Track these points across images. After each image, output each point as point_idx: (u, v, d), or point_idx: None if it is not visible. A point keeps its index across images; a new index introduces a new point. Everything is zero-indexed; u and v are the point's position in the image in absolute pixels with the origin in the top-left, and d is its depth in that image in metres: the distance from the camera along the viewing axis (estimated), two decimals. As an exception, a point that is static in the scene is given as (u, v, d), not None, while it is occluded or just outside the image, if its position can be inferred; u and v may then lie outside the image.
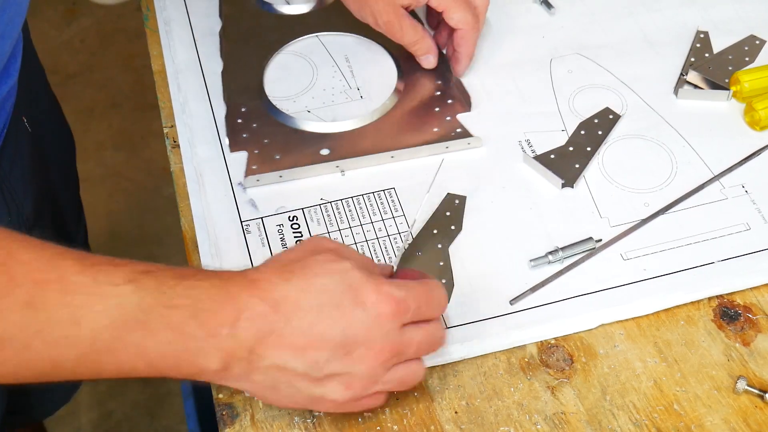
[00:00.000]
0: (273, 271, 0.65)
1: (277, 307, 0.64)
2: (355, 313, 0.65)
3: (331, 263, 0.66)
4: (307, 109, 0.94)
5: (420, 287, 0.68)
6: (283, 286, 0.64)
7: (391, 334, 0.67)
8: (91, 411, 1.77)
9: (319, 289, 0.65)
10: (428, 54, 0.95)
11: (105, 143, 2.13)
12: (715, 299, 0.81)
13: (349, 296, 0.65)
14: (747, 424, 0.74)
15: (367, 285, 0.66)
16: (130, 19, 2.38)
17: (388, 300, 0.66)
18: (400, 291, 0.67)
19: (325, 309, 0.64)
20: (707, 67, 0.96)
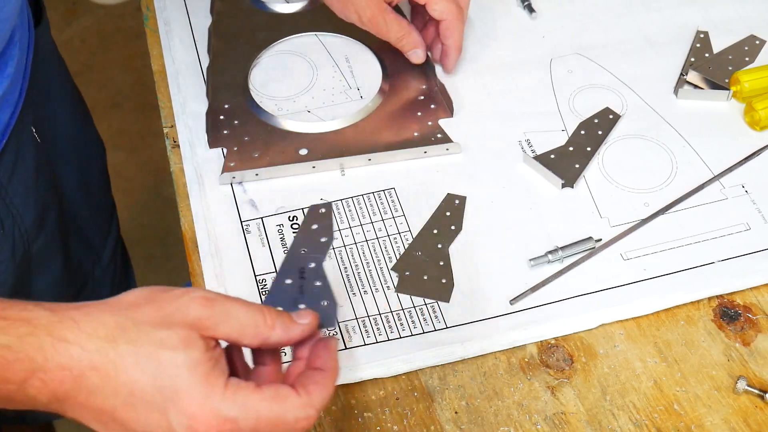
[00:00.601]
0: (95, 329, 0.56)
1: (79, 377, 0.55)
2: (164, 418, 0.55)
3: (165, 351, 0.55)
4: (307, 109, 0.94)
5: (267, 409, 0.56)
6: (95, 354, 0.55)
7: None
8: (91, 411, 1.76)
9: (132, 377, 0.55)
10: (416, 48, 0.94)
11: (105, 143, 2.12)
12: (715, 299, 0.81)
13: (165, 396, 0.55)
14: (747, 424, 0.74)
15: (192, 392, 0.55)
16: (130, 19, 2.38)
17: (209, 418, 0.55)
18: (232, 410, 0.55)
19: (132, 400, 0.56)
20: (707, 67, 0.96)
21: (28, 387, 0.55)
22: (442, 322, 0.79)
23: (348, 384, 0.77)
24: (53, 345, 0.55)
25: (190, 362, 0.55)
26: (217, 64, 0.97)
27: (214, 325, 0.57)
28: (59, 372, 0.55)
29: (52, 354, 0.55)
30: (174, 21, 1.03)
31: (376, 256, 0.84)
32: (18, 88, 0.86)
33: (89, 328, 0.55)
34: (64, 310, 0.56)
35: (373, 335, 0.79)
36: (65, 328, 0.55)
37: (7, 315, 0.55)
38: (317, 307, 0.64)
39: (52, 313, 0.56)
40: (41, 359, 0.55)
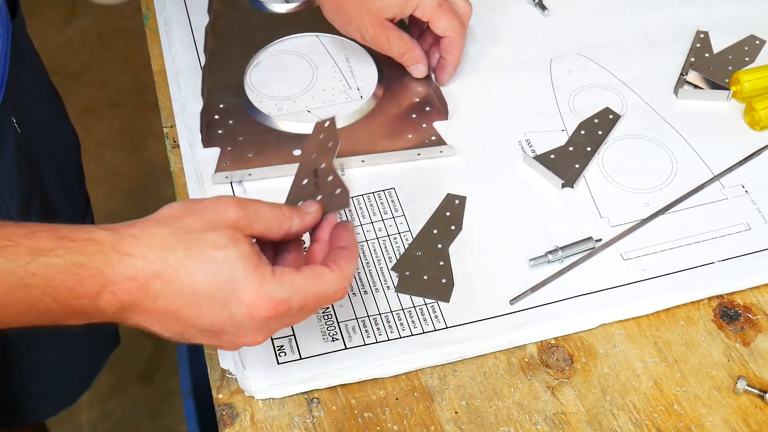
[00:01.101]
0: (152, 241, 0.62)
1: (145, 284, 0.62)
2: (226, 308, 0.63)
3: (217, 250, 0.63)
4: (307, 109, 0.94)
5: (311, 286, 0.65)
6: (157, 263, 0.62)
7: (266, 328, 0.65)
8: (91, 411, 1.77)
9: (195, 277, 0.62)
10: (418, 63, 0.94)
11: (105, 143, 2.13)
12: (715, 299, 0.81)
13: (225, 290, 0.63)
14: (747, 424, 0.74)
15: (248, 282, 0.63)
16: (130, 19, 2.38)
17: (266, 302, 0.63)
18: (283, 291, 0.64)
19: (196, 298, 0.63)
20: (707, 67, 0.96)
21: (99, 300, 0.61)
22: (442, 322, 0.79)
23: (348, 384, 0.77)
24: (120, 259, 0.61)
25: (242, 256, 0.63)
26: (214, 63, 0.97)
27: (249, 224, 0.65)
28: (127, 282, 0.61)
29: (120, 267, 0.61)
30: (174, 21, 1.03)
31: (376, 256, 0.84)
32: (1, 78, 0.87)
33: (147, 240, 0.62)
34: (121, 228, 0.63)
35: (373, 335, 0.79)
36: (127, 244, 0.62)
37: (75, 236, 0.61)
38: (332, 195, 0.72)
39: (112, 232, 0.62)
40: (110, 273, 0.61)
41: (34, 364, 1.12)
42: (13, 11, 0.95)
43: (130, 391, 1.80)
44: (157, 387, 1.81)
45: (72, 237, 0.62)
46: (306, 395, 0.76)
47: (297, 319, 0.67)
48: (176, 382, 1.76)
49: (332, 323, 0.79)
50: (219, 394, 0.76)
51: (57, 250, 0.61)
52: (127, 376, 1.81)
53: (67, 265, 0.61)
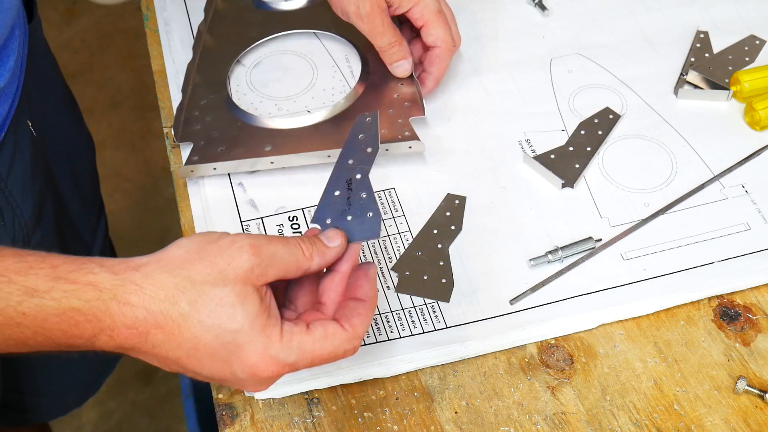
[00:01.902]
0: (156, 292, 0.60)
1: (144, 333, 0.60)
2: (228, 365, 0.62)
3: (225, 308, 0.60)
4: (307, 110, 0.94)
5: (320, 349, 0.62)
6: (159, 316, 0.60)
7: (268, 383, 0.64)
8: (91, 411, 1.77)
9: (197, 335, 0.60)
10: (403, 60, 0.90)
11: (105, 143, 2.13)
12: (715, 299, 0.81)
13: (228, 350, 0.61)
14: (747, 424, 0.74)
15: (252, 345, 0.61)
16: (130, 19, 2.38)
17: (269, 365, 0.61)
18: (291, 356, 0.61)
19: (198, 353, 0.61)
20: (707, 67, 0.96)
21: (96, 341, 0.60)
22: (442, 322, 0.79)
23: (348, 384, 0.77)
24: (119, 308, 0.59)
25: (249, 317, 0.60)
26: (204, 61, 0.97)
27: (263, 272, 0.61)
28: (125, 330, 0.60)
29: (119, 316, 0.59)
30: (174, 21, 1.03)
31: (376, 256, 0.84)
32: (16, 81, 0.87)
33: (151, 291, 0.60)
34: (125, 272, 0.60)
35: (373, 335, 0.79)
36: (129, 293, 0.60)
37: (74, 278, 0.59)
38: (363, 219, 0.67)
39: (115, 276, 0.60)
40: (108, 320, 0.59)
41: (44, 365, 1.12)
42: (30, 13, 0.95)
43: (130, 391, 1.80)
44: (157, 387, 1.81)
45: (70, 279, 0.59)
46: (306, 395, 0.76)
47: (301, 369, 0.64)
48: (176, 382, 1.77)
49: (332, 323, 0.79)
50: (219, 394, 0.76)
51: (52, 292, 0.59)
52: (127, 376, 1.81)
53: (63, 309, 0.59)
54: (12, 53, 0.84)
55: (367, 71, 0.95)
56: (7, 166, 0.89)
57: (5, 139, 0.87)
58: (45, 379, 1.14)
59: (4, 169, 0.88)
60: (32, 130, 0.94)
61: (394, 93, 0.93)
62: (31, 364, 1.10)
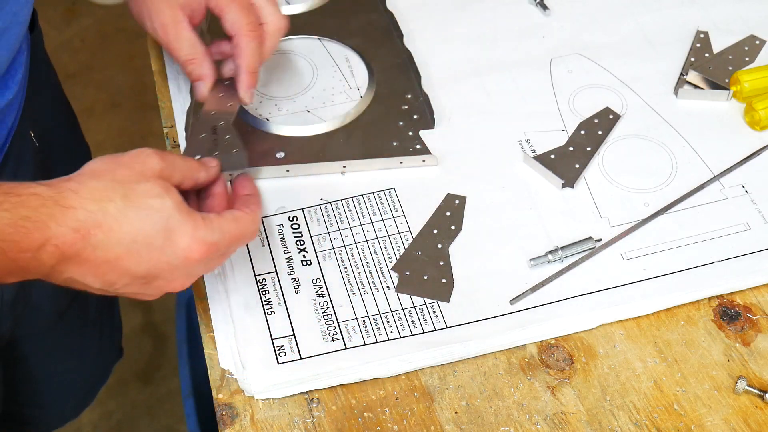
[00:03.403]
0: (91, 193, 0.65)
1: (86, 235, 0.64)
2: (163, 254, 0.67)
3: (153, 199, 0.66)
4: (307, 109, 0.94)
5: (234, 229, 0.70)
6: (98, 214, 0.64)
7: (195, 271, 0.70)
8: (91, 411, 1.77)
9: (134, 225, 0.65)
10: (202, 80, 0.83)
11: (105, 143, 2.12)
12: (715, 299, 0.81)
13: (162, 236, 0.66)
14: (747, 424, 0.74)
15: (182, 228, 0.67)
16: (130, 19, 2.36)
17: (200, 245, 0.67)
18: (214, 235, 0.68)
19: (135, 246, 0.66)
20: (707, 67, 0.96)
21: (42, 253, 0.63)
22: (442, 322, 0.79)
23: (348, 384, 0.77)
24: (62, 212, 0.63)
25: (175, 204, 0.67)
26: None
27: (170, 174, 0.69)
28: (71, 234, 0.64)
29: (63, 219, 0.63)
30: (174, 21, 1.03)
31: (376, 256, 0.84)
32: (22, 93, 0.87)
33: (86, 193, 0.65)
34: (59, 183, 0.66)
35: (373, 335, 0.79)
36: (67, 198, 0.64)
37: (19, 191, 0.63)
38: (230, 155, 0.79)
39: (51, 187, 0.65)
40: (54, 225, 0.63)
41: (43, 376, 1.12)
42: (32, 24, 0.95)
43: (130, 391, 1.80)
44: (157, 387, 1.81)
45: (16, 192, 0.63)
46: (306, 395, 0.76)
47: (218, 263, 0.73)
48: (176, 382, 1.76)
49: (332, 323, 0.79)
50: (219, 394, 0.76)
51: (4, 204, 0.62)
52: (127, 376, 1.81)
53: (14, 218, 0.62)
54: (20, 66, 0.84)
55: (374, 81, 0.96)
56: (12, 178, 0.88)
57: (10, 150, 0.87)
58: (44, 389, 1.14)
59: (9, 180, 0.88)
60: (35, 140, 0.94)
61: (403, 104, 0.93)
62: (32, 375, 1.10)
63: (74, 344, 1.14)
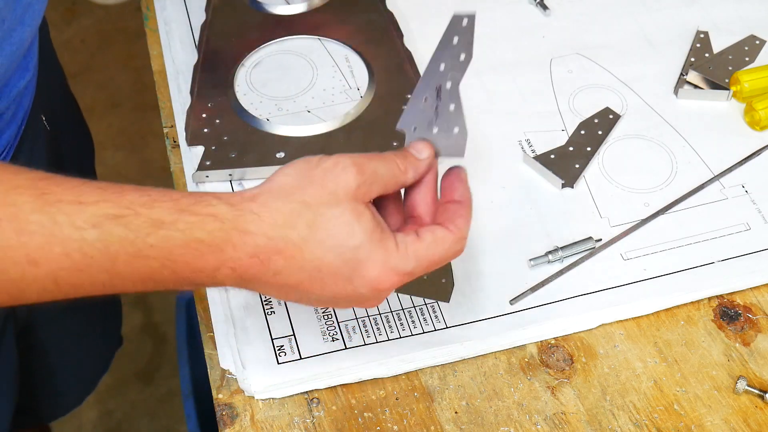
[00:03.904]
0: (274, 218, 0.61)
1: (266, 261, 0.61)
2: (350, 283, 0.62)
3: (341, 227, 0.61)
4: (307, 109, 0.94)
5: (433, 254, 0.63)
6: (280, 241, 0.60)
7: (385, 296, 0.65)
8: (91, 411, 1.77)
9: (318, 255, 0.61)
10: None
11: (105, 143, 2.13)
12: (715, 299, 0.81)
13: (350, 267, 0.62)
14: (747, 424, 0.74)
15: (372, 258, 0.62)
16: (130, 19, 2.38)
17: (391, 276, 0.62)
18: (408, 264, 0.63)
19: (319, 275, 0.62)
20: (707, 67, 0.96)
21: (218, 274, 0.60)
22: (442, 322, 0.79)
23: (348, 384, 0.77)
24: (241, 238, 0.60)
25: (366, 232, 0.61)
26: (207, 62, 0.97)
27: (369, 190, 0.63)
28: (248, 260, 0.60)
29: (241, 246, 0.60)
30: (174, 21, 1.03)
31: (376, 256, 0.84)
32: (36, 78, 0.88)
33: (269, 218, 0.60)
34: (241, 202, 0.61)
35: (373, 335, 0.79)
36: (248, 222, 0.60)
37: (196, 210, 0.60)
38: (449, 134, 0.65)
39: (233, 207, 0.60)
40: (231, 251, 0.60)
41: (45, 365, 1.12)
42: None
43: (130, 391, 1.80)
44: (157, 387, 1.81)
45: (193, 210, 0.60)
46: (306, 395, 0.76)
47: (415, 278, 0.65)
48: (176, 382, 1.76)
49: (332, 323, 0.79)
50: (219, 394, 0.76)
51: (178, 224, 0.59)
52: (127, 376, 1.81)
53: (188, 240, 0.59)
54: (36, 49, 0.86)
55: (374, 81, 0.95)
56: (27, 160, 0.90)
57: (25, 132, 0.88)
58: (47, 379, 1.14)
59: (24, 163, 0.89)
60: (46, 124, 0.95)
61: (402, 104, 0.91)
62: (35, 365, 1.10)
63: (82, 330, 1.15)
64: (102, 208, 0.58)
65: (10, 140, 0.87)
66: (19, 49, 0.79)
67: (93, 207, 0.58)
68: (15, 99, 0.84)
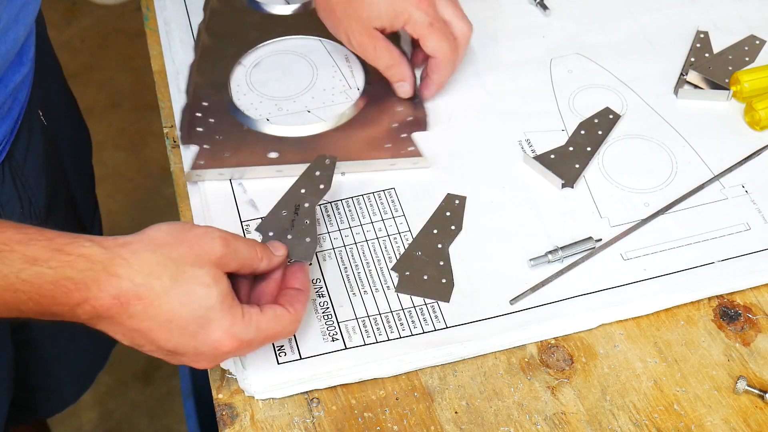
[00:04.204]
0: (141, 266, 0.66)
1: (125, 304, 0.66)
2: (193, 339, 0.68)
3: (200, 287, 0.67)
4: (307, 109, 0.94)
5: (272, 328, 0.71)
6: (142, 288, 0.66)
7: (221, 359, 0.71)
8: (91, 411, 1.77)
9: (173, 307, 0.66)
10: (402, 81, 0.91)
11: (105, 143, 2.13)
12: (715, 299, 0.81)
13: (197, 324, 0.67)
14: (747, 424, 0.74)
15: (219, 321, 0.68)
16: (130, 19, 2.38)
17: (232, 341, 0.68)
18: (249, 333, 0.69)
19: (169, 325, 0.67)
20: (707, 67, 0.96)
21: (78, 309, 0.66)
22: (442, 322, 0.79)
23: (348, 384, 0.77)
24: (108, 279, 0.65)
25: (220, 297, 0.68)
26: (204, 61, 0.97)
27: (228, 262, 0.69)
28: (109, 300, 0.65)
29: (107, 286, 0.65)
30: (174, 21, 1.03)
31: (376, 256, 0.84)
32: (32, 72, 0.89)
33: (137, 265, 0.66)
34: (114, 247, 0.66)
35: (373, 335, 0.79)
36: (117, 265, 0.66)
37: (69, 250, 0.65)
38: (301, 241, 0.78)
39: (106, 250, 0.66)
40: (96, 290, 0.65)
41: (41, 360, 1.12)
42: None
43: (130, 391, 1.80)
44: (157, 387, 1.81)
45: (66, 251, 0.65)
46: (306, 395, 0.76)
47: (246, 353, 0.73)
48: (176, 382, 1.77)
49: (332, 323, 0.79)
50: (219, 394, 0.76)
51: (51, 262, 0.64)
52: (127, 376, 1.81)
53: (58, 277, 0.64)
54: (32, 43, 0.86)
55: (369, 82, 0.95)
56: (23, 154, 0.90)
57: (21, 127, 0.89)
58: (45, 375, 1.14)
59: (21, 157, 0.90)
60: (43, 119, 0.95)
61: (398, 106, 0.93)
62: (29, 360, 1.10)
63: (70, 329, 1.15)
64: None
65: (6, 134, 0.87)
66: (14, 46, 0.80)
67: None
68: (11, 93, 0.84)
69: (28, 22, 0.81)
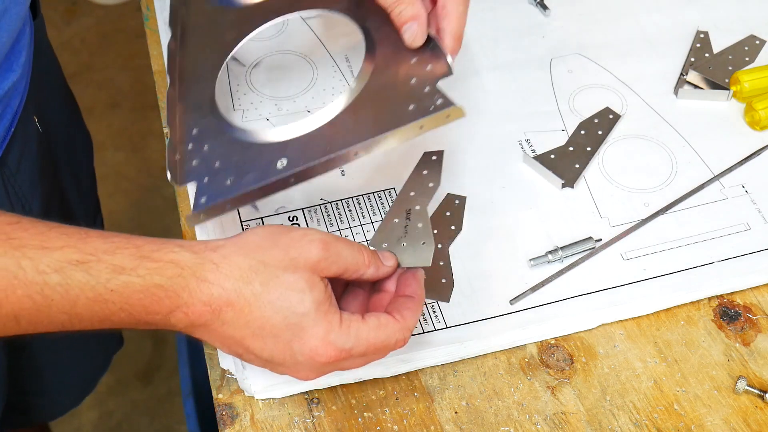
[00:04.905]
0: (232, 271, 0.64)
1: (217, 311, 0.64)
2: (289, 348, 0.65)
3: (293, 292, 0.64)
4: (307, 109, 0.94)
5: (374, 337, 0.66)
6: (233, 293, 0.63)
7: (325, 370, 0.67)
8: (91, 411, 1.77)
9: (265, 314, 0.64)
10: (413, 21, 0.74)
11: (105, 143, 2.13)
12: (715, 299, 0.81)
13: (291, 332, 0.64)
14: (747, 424, 0.74)
15: (315, 329, 0.64)
16: (130, 19, 2.38)
17: (328, 349, 0.65)
18: (348, 342, 0.65)
19: (262, 333, 0.65)
20: (707, 67, 0.96)
21: (171, 317, 0.64)
22: (442, 322, 0.79)
23: (348, 384, 0.77)
24: (198, 285, 0.63)
25: (315, 303, 0.64)
26: (184, 84, 0.76)
27: (328, 266, 0.66)
28: (201, 307, 0.63)
29: (197, 293, 0.63)
30: (174, 21, 1.03)
31: (376, 256, 0.84)
32: (26, 77, 0.88)
33: (227, 270, 0.64)
34: (204, 251, 0.64)
35: (373, 335, 0.79)
36: (207, 271, 0.63)
37: (157, 257, 0.63)
38: (416, 246, 0.74)
39: (195, 255, 0.64)
40: (186, 296, 0.63)
41: (45, 365, 1.12)
42: (34, 11, 0.96)
43: (130, 391, 1.80)
44: (157, 387, 1.81)
45: (154, 258, 0.63)
46: (306, 395, 0.76)
47: (354, 365, 0.68)
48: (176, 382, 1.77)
49: (332, 323, 0.79)
50: (219, 394, 0.76)
51: (138, 270, 0.62)
52: (127, 376, 1.81)
53: (147, 285, 0.62)
54: (24, 48, 0.85)
55: (373, 43, 0.78)
56: (17, 161, 0.90)
57: (15, 134, 0.88)
58: (46, 378, 1.14)
59: (14, 165, 0.89)
60: (38, 126, 0.94)
61: (411, 58, 0.77)
62: (34, 364, 1.10)
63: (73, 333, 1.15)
64: (66, 253, 0.61)
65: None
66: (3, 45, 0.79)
67: (57, 252, 0.61)
68: (1, 100, 0.83)
69: (11, 29, 0.79)
